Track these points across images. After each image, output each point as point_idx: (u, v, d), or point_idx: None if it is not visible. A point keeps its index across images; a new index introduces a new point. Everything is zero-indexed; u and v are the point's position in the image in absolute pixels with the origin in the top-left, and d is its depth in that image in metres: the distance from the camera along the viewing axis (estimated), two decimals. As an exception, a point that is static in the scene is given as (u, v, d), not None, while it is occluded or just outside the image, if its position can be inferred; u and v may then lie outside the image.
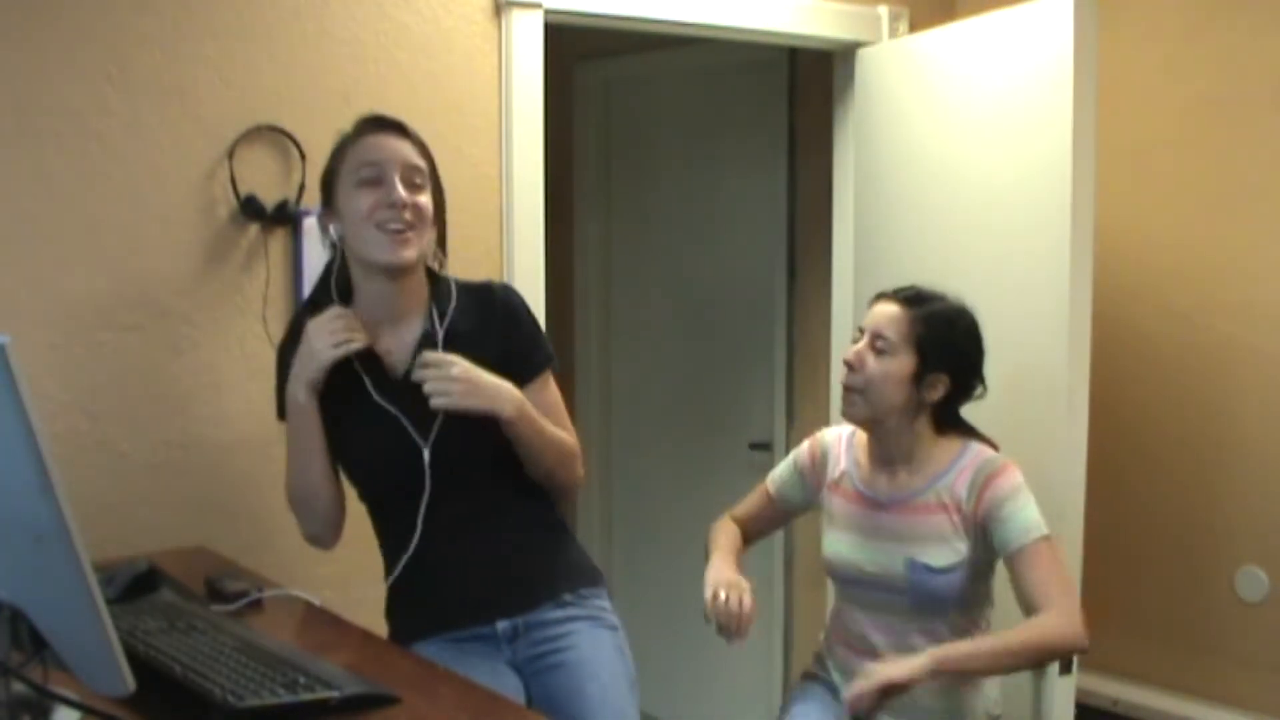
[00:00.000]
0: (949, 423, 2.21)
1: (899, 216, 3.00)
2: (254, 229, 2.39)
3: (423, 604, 1.96)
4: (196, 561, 2.11)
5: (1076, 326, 2.48)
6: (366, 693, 1.49)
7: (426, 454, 1.92)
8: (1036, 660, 2.10)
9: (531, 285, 2.68)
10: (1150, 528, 3.00)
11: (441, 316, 1.98)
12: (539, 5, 2.64)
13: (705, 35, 3.02)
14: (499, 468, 1.98)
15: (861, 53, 3.13)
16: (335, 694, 1.45)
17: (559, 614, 1.99)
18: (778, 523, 2.52)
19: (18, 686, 1.31)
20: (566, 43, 3.57)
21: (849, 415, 2.21)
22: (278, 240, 2.41)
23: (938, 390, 2.16)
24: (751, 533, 2.44)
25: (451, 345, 1.95)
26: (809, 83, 3.58)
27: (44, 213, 2.20)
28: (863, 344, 2.18)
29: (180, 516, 2.32)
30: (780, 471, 2.42)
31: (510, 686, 1.91)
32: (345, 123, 2.43)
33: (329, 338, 1.89)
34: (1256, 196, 2.80)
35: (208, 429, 2.36)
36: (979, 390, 2.21)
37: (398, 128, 1.97)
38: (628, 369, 4.01)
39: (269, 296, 2.40)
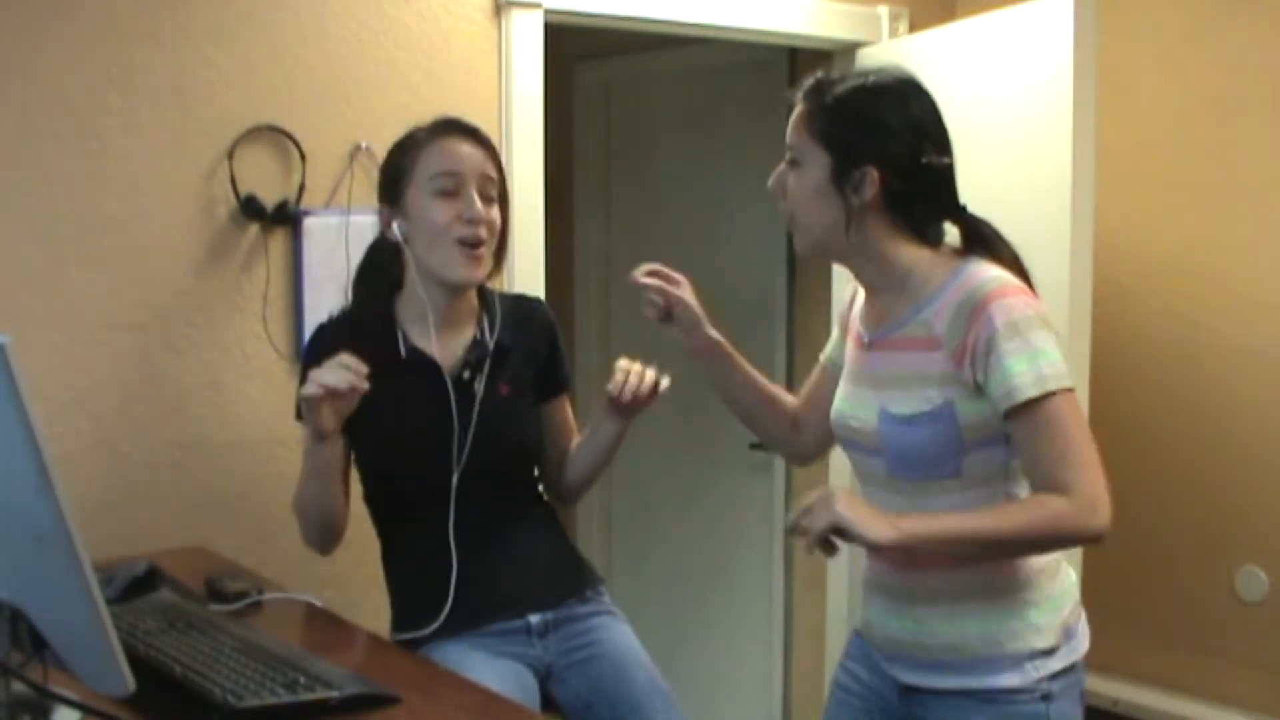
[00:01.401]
0: (917, 226, 1.74)
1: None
2: (254, 229, 2.39)
3: (452, 603, 1.95)
4: (196, 561, 2.11)
5: (1076, 326, 2.48)
6: (366, 693, 1.49)
7: (464, 458, 1.96)
8: (1042, 550, 1.71)
9: (531, 285, 2.68)
10: (1150, 528, 3.00)
11: (491, 326, 2.03)
12: (539, 5, 2.64)
13: (705, 35, 3.02)
14: (521, 472, 2.07)
15: (861, 53, 3.13)
16: (335, 694, 1.46)
17: (584, 610, 2.04)
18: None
19: (18, 686, 1.31)
20: (566, 43, 3.57)
21: (798, 250, 1.83)
22: (278, 240, 2.41)
23: (868, 188, 1.69)
24: (812, 410, 1.97)
25: (499, 355, 2.02)
26: (809, 83, 3.57)
27: (44, 213, 2.20)
28: (782, 164, 1.77)
29: (180, 516, 2.32)
30: (833, 336, 2.01)
31: (528, 689, 1.91)
32: (345, 123, 2.46)
33: (311, 385, 1.81)
34: (1256, 196, 2.80)
35: (208, 429, 2.36)
36: (936, 173, 1.73)
37: (474, 134, 1.99)
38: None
39: (269, 296, 2.40)
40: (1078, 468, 1.62)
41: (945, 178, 1.76)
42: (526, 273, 2.68)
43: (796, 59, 3.60)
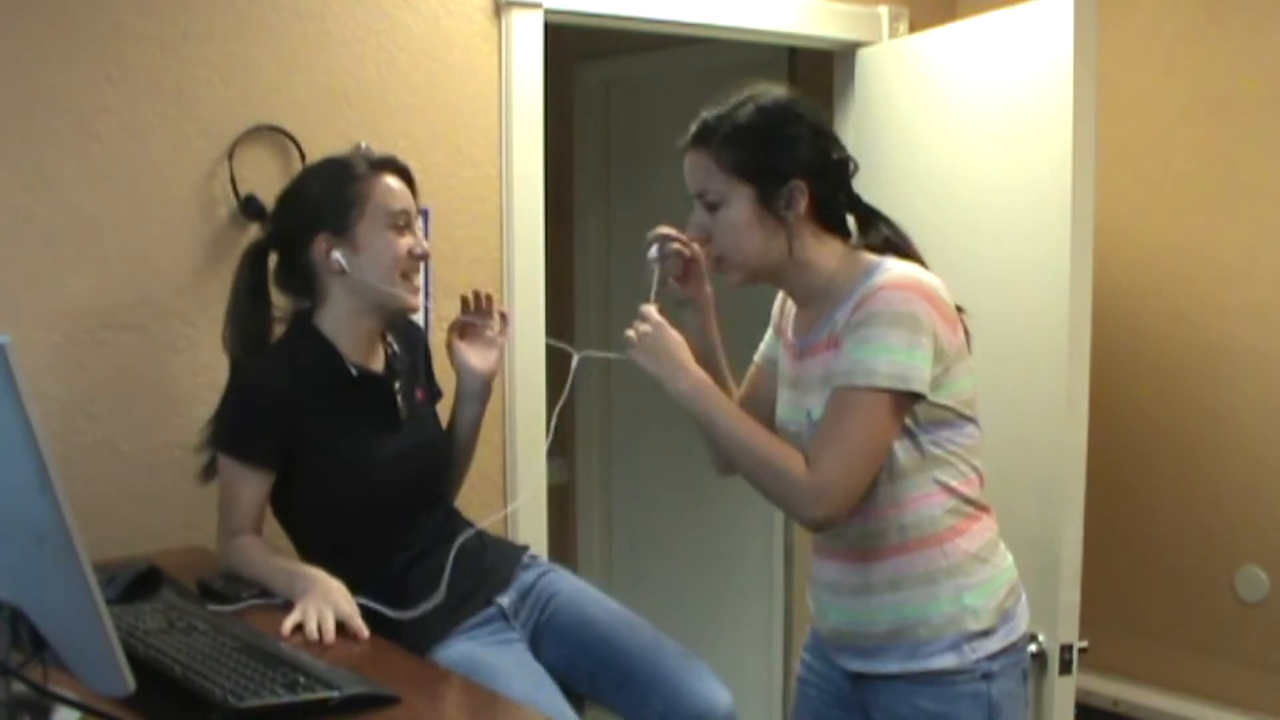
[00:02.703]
0: (838, 225, 1.82)
1: (898, 215, 2.97)
2: (254, 229, 2.38)
3: (431, 604, 1.98)
4: (196, 561, 2.11)
5: (1076, 326, 2.48)
6: (366, 693, 1.49)
7: (420, 462, 2.10)
8: (764, 490, 1.76)
9: (531, 285, 2.68)
10: (1150, 528, 3.00)
11: (396, 342, 2.15)
12: (539, 5, 2.64)
13: (705, 35, 3.02)
14: (444, 469, 2.19)
15: (861, 53, 3.13)
16: (335, 694, 1.45)
17: (531, 576, 2.12)
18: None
19: (18, 686, 1.30)
20: (566, 43, 3.56)
21: (732, 284, 1.87)
22: (278, 240, 2.41)
23: (800, 200, 1.75)
24: (751, 408, 1.92)
25: (408, 372, 2.14)
26: (809, 83, 3.57)
27: (44, 213, 2.20)
28: (696, 211, 1.81)
29: (180, 516, 2.32)
30: (767, 335, 2.06)
31: (548, 683, 1.93)
32: (345, 123, 2.46)
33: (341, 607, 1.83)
34: (1256, 196, 2.80)
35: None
36: (845, 167, 1.81)
37: (408, 175, 2.09)
38: (628, 368, 4.00)
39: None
40: (837, 457, 1.67)
41: (850, 171, 1.83)
42: (526, 272, 2.67)
43: (796, 59, 3.60)
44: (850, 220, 1.87)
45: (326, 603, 1.80)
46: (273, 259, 2.11)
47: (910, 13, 3.19)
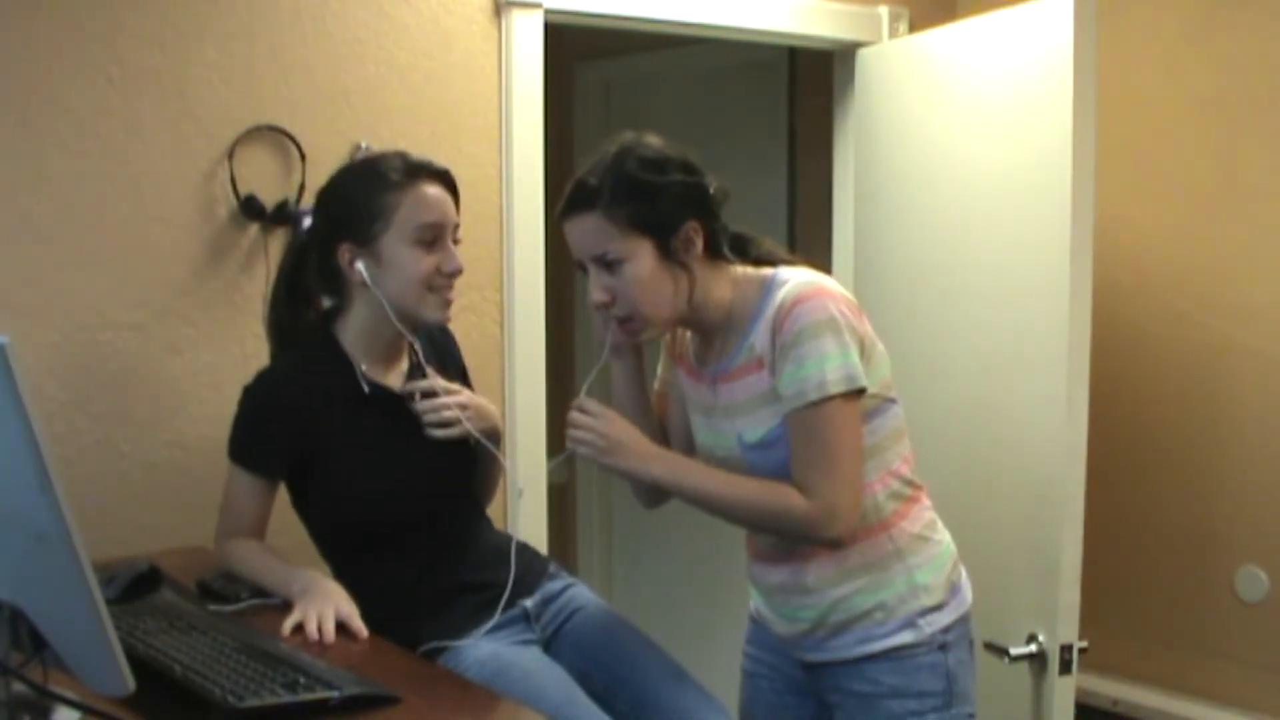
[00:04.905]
0: (722, 252, 1.84)
1: (899, 217, 3.00)
2: (254, 229, 2.39)
3: (453, 607, 1.98)
4: (196, 561, 2.11)
5: (1076, 326, 2.48)
6: (366, 693, 1.49)
7: (441, 473, 2.06)
8: (773, 532, 1.85)
9: (531, 286, 2.68)
10: (1150, 528, 3.00)
11: (420, 351, 2.08)
12: (539, 5, 2.64)
13: (705, 35, 3.02)
14: (471, 478, 2.14)
15: (861, 53, 3.13)
16: (335, 694, 1.46)
17: (557, 586, 2.10)
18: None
19: (18, 686, 1.31)
20: (566, 43, 3.57)
21: (646, 339, 1.90)
22: (277, 240, 2.41)
23: (697, 240, 1.79)
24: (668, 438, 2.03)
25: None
26: (809, 83, 3.57)
27: (44, 213, 2.20)
28: (595, 276, 1.80)
29: (180, 516, 2.32)
30: (662, 359, 2.07)
31: (578, 688, 1.92)
32: (345, 123, 2.46)
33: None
34: (1256, 196, 2.80)
35: (208, 429, 2.36)
36: (720, 194, 1.83)
37: (447, 180, 2.00)
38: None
39: (269, 296, 2.40)
40: (828, 476, 1.73)
41: (724, 200, 1.85)
42: (526, 273, 2.67)
43: (796, 59, 3.60)
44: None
45: (327, 603, 1.80)
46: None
47: (910, 13, 3.19)
